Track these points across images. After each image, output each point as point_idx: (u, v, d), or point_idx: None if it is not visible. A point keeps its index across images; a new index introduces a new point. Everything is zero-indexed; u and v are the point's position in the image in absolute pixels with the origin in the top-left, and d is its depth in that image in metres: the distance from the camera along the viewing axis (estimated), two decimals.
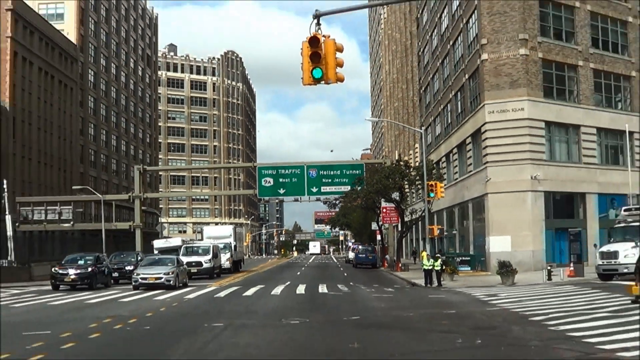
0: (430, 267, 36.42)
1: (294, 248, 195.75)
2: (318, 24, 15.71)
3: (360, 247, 74.29)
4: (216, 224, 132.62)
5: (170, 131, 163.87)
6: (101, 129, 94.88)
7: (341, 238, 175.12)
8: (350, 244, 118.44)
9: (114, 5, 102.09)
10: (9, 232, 48.27)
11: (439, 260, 36.98)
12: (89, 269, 35.32)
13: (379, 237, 76.19)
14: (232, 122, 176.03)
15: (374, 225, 75.63)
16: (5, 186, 51.89)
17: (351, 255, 77.37)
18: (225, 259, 51.74)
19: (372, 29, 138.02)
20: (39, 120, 75.23)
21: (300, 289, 33.89)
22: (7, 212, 49.30)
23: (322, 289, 33.98)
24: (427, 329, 17.46)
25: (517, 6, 44.95)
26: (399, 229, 65.23)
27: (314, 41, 15.25)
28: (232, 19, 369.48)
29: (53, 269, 36.07)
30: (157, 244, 55.51)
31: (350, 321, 19.49)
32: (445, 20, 58.33)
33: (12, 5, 69.82)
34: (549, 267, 35.68)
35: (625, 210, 35.22)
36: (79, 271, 35.01)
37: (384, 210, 60.62)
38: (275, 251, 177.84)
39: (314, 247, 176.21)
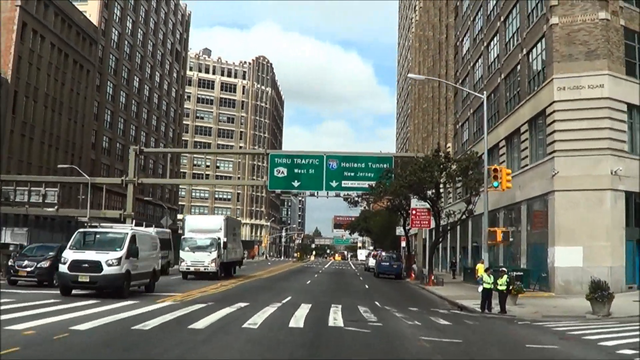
0: (490, 287, 23.34)
1: (314, 252, 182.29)
2: None
3: (383, 253, 57.02)
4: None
5: (198, 130, 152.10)
6: (119, 116, 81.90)
7: (359, 245, 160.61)
8: (368, 251, 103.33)
9: None
10: None
11: (505, 278, 23.40)
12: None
13: (403, 244, 61.12)
14: (259, 124, 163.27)
15: (398, 230, 60.09)
16: None
17: (372, 262, 60.70)
18: (209, 260, 36.47)
19: (402, 35, 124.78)
20: (46, 98, 63.26)
21: (300, 315, 18.50)
22: None
23: (335, 316, 18.79)
24: None
25: None
26: (426, 235, 50.86)
27: None
28: (257, 41, 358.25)
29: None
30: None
31: None
32: None
33: None
34: None
35: None
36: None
37: (414, 212, 46.17)
38: (295, 254, 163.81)
39: (360, 255, 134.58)
